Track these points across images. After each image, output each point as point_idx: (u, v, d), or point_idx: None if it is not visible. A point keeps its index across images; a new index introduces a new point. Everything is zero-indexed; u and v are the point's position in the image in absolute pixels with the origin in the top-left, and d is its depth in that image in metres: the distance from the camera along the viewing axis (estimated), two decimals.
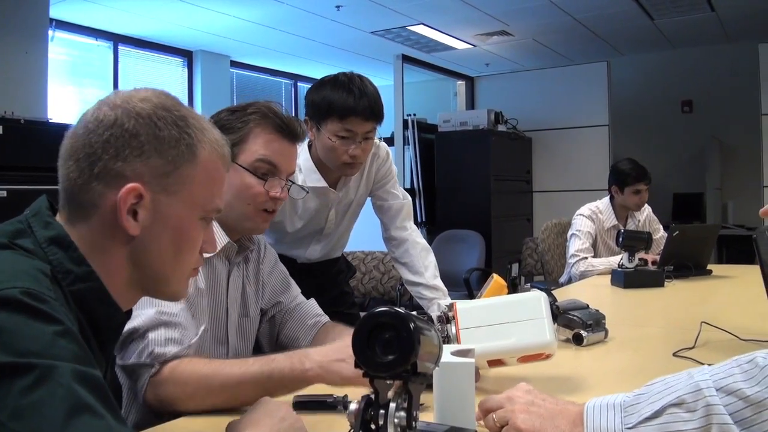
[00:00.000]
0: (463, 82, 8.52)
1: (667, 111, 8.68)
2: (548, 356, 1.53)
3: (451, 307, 1.54)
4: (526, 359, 1.53)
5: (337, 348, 1.45)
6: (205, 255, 1.62)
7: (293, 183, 1.84)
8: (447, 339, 1.51)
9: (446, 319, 1.52)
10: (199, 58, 7.91)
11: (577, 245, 4.00)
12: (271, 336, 1.96)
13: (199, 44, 7.65)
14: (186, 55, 7.89)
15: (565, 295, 2.51)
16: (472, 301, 1.62)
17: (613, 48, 8.33)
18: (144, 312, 1.47)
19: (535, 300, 1.52)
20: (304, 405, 1.40)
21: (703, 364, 1.65)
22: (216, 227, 1.71)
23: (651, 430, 0.96)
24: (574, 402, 1.11)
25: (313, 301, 2.02)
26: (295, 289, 2.02)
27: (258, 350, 1.95)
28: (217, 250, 1.71)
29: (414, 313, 1.51)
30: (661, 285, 3.26)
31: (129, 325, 1.44)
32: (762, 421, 0.88)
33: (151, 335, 1.46)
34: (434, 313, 1.56)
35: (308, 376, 1.42)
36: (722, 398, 0.92)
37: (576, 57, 8.50)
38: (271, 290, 1.95)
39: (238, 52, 8.09)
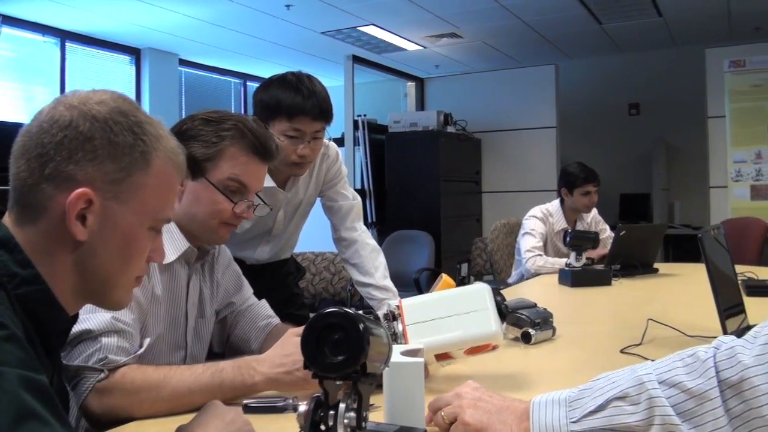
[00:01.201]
0: (413, 83, 8.56)
1: (614, 113, 8.84)
2: (495, 347, 1.55)
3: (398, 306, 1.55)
4: (473, 351, 1.54)
5: (282, 358, 1.46)
6: (165, 262, 1.61)
7: (262, 200, 1.83)
8: (394, 336, 1.51)
9: (393, 316, 1.53)
10: (147, 56, 7.78)
11: (531, 242, 4.05)
12: (222, 336, 1.94)
13: (148, 42, 7.53)
14: (134, 52, 7.76)
15: (513, 294, 2.54)
16: (418, 297, 1.63)
17: (562, 51, 8.44)
18: (97, 316, 1.43)
19: (479, 292, 1.54)
20: (253, 409, 1.40)
21: (649, 360, 1.68)
22: (176, 232, 1.70)
23: (595, 423, 0.98)
24: (522, 399, 1.13)
25: (264, 302, 2.01)
26: (248, 290, 2.00)
27: (209, 350, 1.93)
28: (177, 256, 1.70)
29: (360, 312, 1.52)
30: (609, 284, 3.32)
31: (80, 327, 1.40)
32: (703, 413, 0.91)
33: (105, 340, 1.43)
34: (381, 312, 1.57)
35: (257, 388, 1.46)
36: (665, 391, 0.94)
37: (525, 59, 8.59)
38: (224, 291, 1.93)
39: (186, 50, 7.99)
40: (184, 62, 8.36)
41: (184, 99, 8.38)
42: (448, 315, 1.50)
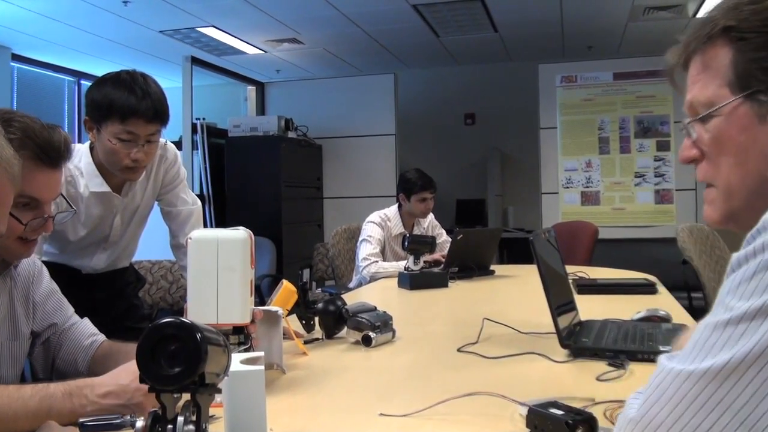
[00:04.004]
0: (254, 88, 8.47)
1: (451, 122, 9.15)
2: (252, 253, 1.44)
3: None
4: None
5: (116, 387, 1.35)
6: None
7: (68, 203, 1.70)
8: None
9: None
10: None
11: (368, 249, 4.13)
12: (46, 360, 1.79)
13: None
14: None
15: (353, 298, 2.57)
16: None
17: (401, 61, 8.62)
18: None
19: (203, 242, 1.39)
20: (90, 428, 1.32)
21: (485, 357, 1.74)
22: None
23: None
24: None
25: (87, 320, 1.87)
26: (69, 309, 1.85)
27: (30, 375, 1.80)
28: None
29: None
30: (446, 286, 3.42)
31: None
32: None
33: None
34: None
35: (89, 414, 1.33)
36: None
37: (365, 68, 8.72)
38: (43, 311, 1.78)
39: (19, 44, 7.47)
40: (16, 57, 7.85)
41: (16, 97, 7.87)
42: (211, 278, 1.37)
